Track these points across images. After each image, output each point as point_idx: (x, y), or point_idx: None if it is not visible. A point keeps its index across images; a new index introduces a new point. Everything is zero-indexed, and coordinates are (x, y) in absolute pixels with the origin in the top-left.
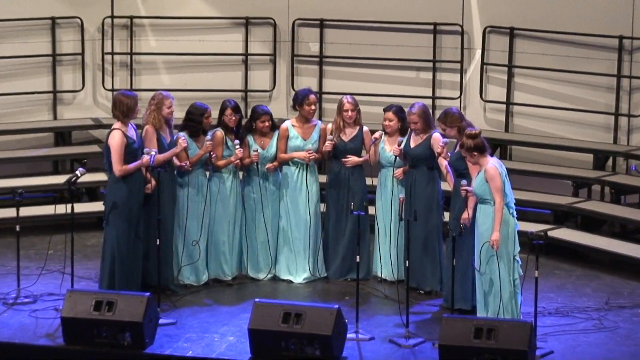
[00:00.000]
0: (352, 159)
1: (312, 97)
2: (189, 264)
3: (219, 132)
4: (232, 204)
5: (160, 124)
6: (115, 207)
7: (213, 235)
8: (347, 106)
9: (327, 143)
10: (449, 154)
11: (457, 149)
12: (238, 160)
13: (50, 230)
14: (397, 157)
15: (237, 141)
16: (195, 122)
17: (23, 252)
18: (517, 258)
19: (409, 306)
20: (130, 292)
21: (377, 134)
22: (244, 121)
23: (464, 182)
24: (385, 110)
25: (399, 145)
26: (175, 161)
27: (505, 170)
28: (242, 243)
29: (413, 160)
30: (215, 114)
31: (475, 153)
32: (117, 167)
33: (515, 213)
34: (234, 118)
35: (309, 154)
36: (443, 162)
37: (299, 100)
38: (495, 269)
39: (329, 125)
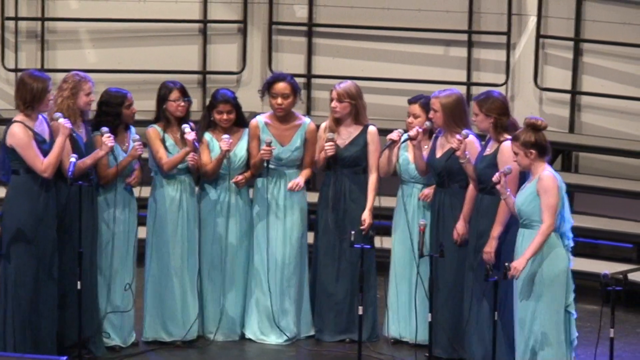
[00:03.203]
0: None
1: (281, 85)
2: (112, 311)
3: (154, 128)
4: (180, 231)
5: (75, 117)
6: (18, 234)
7: (153, 277)
8: (332, 94)
9: (327, 145)
10: (466, 153)
11: (488, 151)
12: (192, 159)
13: None
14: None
15: (226, 136)
16: (112, 115)
17: None
18: (572, 310)
19: None
20: (40, 356)
21: (394, 134)
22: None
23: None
24: (410, 102)
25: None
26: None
27: (565, 186)
28: (200, 288)
29: (440, 176)
30: (144, 104)
31: (533, 152)
32: (39, 166)
33: (571, 245)
34: (182, 104)
35: (266, 148)
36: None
37: (264, 89)
38: (537, 326)
39: (323, 125)
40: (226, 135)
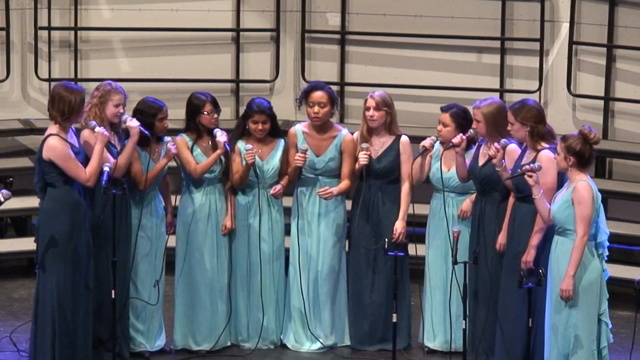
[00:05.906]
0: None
1: (318, 94)
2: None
3: (182, 137)
4: (210, 239)
5: (103, 126)
6: (54, 245)
7: (182, 285)
8: (369, 102)
9: (361, 155)
10: (503, 162)
11: (525, 160)
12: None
13: None
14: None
15: (249, 146)
16: (144, 125)
17: None
18: (605, 319)
19: None
20: None
21: (426, 142)
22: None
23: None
24: (442, 110)
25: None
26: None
27: (600, 195)
28: (235, 296)
29: (481, 184)
30: (177, 113)
31: (573, 159)
32: (82, 176)
33: (606, 254)
34: (215, 116)
35: (300, 155)
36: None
37: (301, 97)
38: (571, 333)
39: (355, 134)
40: (249, 146)
